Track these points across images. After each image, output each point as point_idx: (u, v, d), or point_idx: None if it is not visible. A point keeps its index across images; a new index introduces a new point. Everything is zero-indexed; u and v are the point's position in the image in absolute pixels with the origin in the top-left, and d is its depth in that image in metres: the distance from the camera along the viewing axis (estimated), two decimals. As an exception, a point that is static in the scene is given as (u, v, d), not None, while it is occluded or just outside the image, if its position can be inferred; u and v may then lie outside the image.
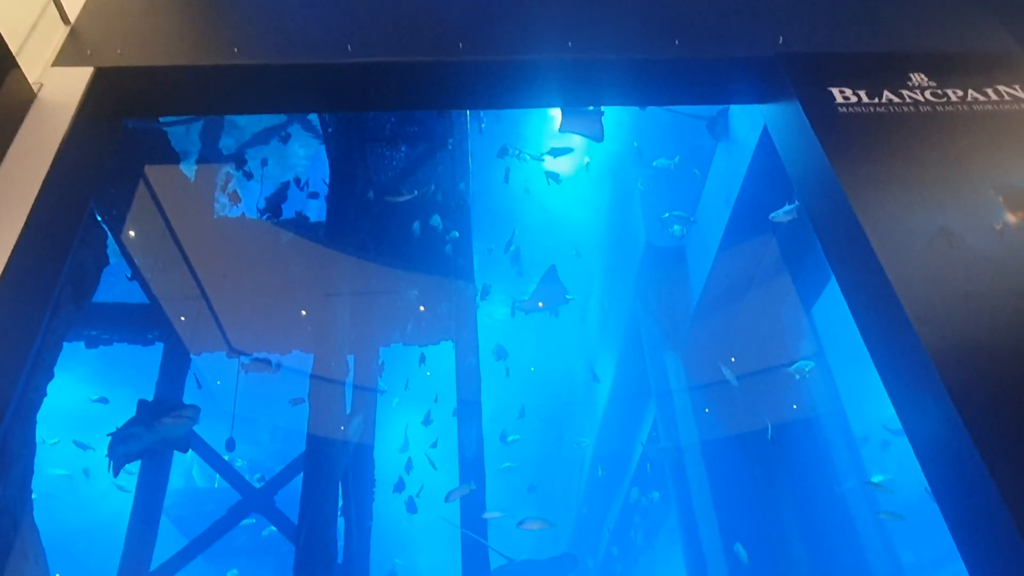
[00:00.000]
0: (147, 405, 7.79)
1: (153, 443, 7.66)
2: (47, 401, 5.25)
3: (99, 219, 6.56)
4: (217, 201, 9.26)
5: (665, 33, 3.86)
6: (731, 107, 9.39)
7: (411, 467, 14.40)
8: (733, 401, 10.96)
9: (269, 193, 9.54)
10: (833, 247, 3.23)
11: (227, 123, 8.63)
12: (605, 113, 9.17)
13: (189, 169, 8.62)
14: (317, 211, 9.89)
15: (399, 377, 17.82)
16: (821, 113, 3.43)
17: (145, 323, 9.31)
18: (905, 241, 2.79)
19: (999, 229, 2.77)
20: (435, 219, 9.76)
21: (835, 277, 3.21)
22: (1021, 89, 3.54)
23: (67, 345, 5.60)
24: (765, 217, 8.29)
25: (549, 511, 25.36)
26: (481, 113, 10.87)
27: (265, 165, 9.32)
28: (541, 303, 11.77)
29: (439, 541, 21.42)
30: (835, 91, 3.53)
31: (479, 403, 9.66)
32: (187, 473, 21.91)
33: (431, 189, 9.54)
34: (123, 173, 7.58)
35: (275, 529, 8.83)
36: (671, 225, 11.06)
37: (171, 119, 7.75)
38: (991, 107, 3.44)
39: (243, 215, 9.38)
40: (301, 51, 3.77)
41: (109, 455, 7.37)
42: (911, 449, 2.68)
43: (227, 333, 9.93)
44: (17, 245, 2.81)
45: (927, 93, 3.51)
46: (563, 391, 23.82)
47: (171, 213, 8.36)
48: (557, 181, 14.33)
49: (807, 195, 3.50)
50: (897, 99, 3.47)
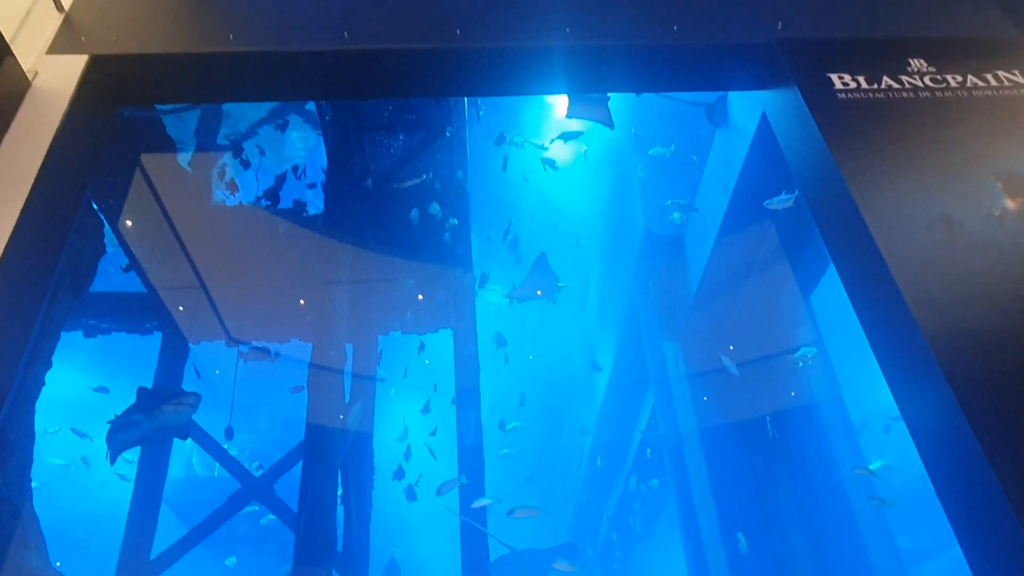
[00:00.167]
0: (147, 393, 7.80)
1: (153, 431, 7.67)
2: (46, 390, 5.25)
3: (96, 208, 6.55)
4: (214, 190, 9.23)
5: (663, 19, 3.84)
6: (730, 94, 9.36)
7: (410, 455, 14.45)
8: (732, 389, 10.98)
9: (267, 182, 9.52)
10: (832, 233, 3.22)
11: (224, 111, 8.59)
12: (609, 99, 9.14)
13: (186, 158, 8.58)
14: (315, 200, 9.87)
15: (398, 365, 17.84)
16: (820, 99, 3.41)
17: (143, 312, 9.31)
18: (904, 227, 2.78)
19: (998, 215, 2.77)
20: (434, 207, 9.74)
21: (833, 264, 3.20)
22: (1021, 75, 3.52)
23: (65, 334, 5.60)
24: (764, 204, 8.29)
25: (548, 499, 25.49)
26: (479, 101, 10.82)
27: (262, 154, 9.29)
28: (540, 291, 11.73)
29: (439, 529, 21.51)
30: (834, 77, 3.51)
31: (478, 391, 9.66)
32: (187, 462, 21.98)
33: (431, 176, 9.52)
34: (120, 162, 7.55)
35: (274, 517, 8.86)
36: (671, 213, 11.04)
37: (167, 107, 7.71)
38: (991, 93, 3.43)
39: (240, 204, 9.35)
40: (297, 38, 3.74)
41: (108, 442, 7.38)
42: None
43: (226, 322, 9.93)
44: (13, 234, 2.80)
45: (926, 79, 3.49)
46: (562, 379, 23.85)
47: (168, 202, 8.34)
48: (554, 168, 14.28)
49: (806, 181, 3.49)
50: (896, 85, 3.45)
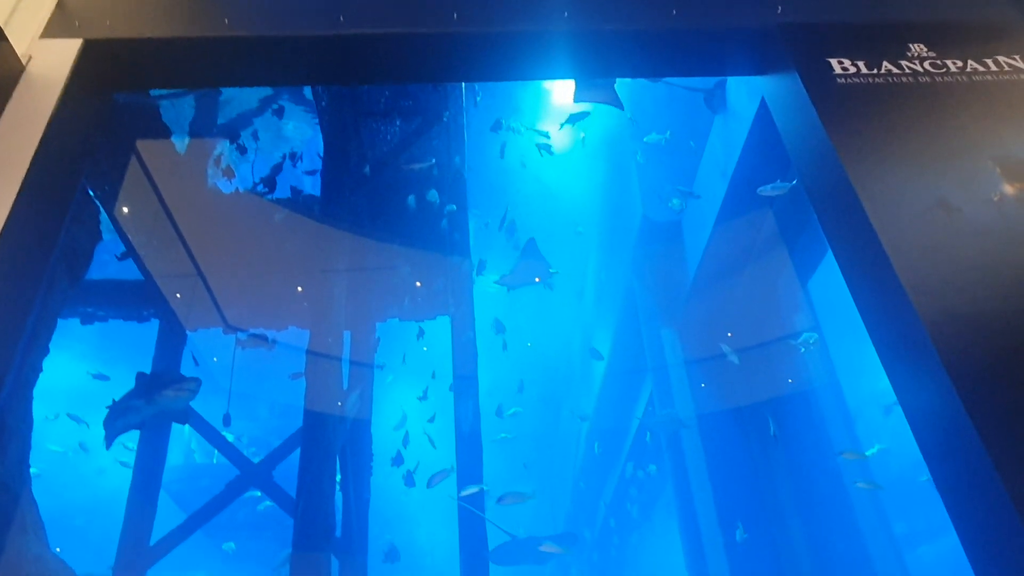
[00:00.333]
0: (146, 378, 7.79)
1: (152, 416, 7.67)
2: (44, 378, 5.25)
3: (92, 195, 6.52)
4: (211, 177, 9.19)
5: (662, 3, 3.81)
6: (728, 80, 9.32)
7: (407, 441, 14.49)
8: (729, 375, 11.01)
9: (263, 168, 9.48)
10: (830, 219, 3.21)
11: (220, 97, 8.54)
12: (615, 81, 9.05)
13: (182, 144, 8.54)
14: (312, 186, 9.84)
15: (396, 352, 17.85)
16: (819, 84, 3.39)
17: (140, 300, 9.29)
18: (902, 212, 2.78)
19: (996, 200, 2.76)
20: (432, 194, 9.71)
21: (831, 249, 3.19)
22: (1021, 60, 3.50)
23: (62, 322, 5.60)
24: (757, 191, 8.29)
25: (545, 485, 25.61)
26: (476, 86, 10.76)
27: (258, 140, 9.25)
28: (533, 278, 11.69)
29: (437, 516, 21.61)
30: (833, 62, 3.48)
31: (476, 378, 9.69)
32: (186, 449, 22.03)
33: (434, 161, 9.47)
34: (115, 148, 7.51)
35: (272, 503, 8.89)
36: (670, 199, 11.01)
37: (162, 93, 7.66)
38: (991, 78, 3.41)
39: (237, 190, 9.32)
40: (293, 22, 3.71)
41: (105, 427, 7.36)
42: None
43: (223, 309, 9.93)
44: (9, 219, 2.78)
45: (926, 63, 3.47)
46: (560, 366, 23.89)
47: (164, 189, 8.30)
48: (550, 153, 14.22)
49: (804, 167, 3.48)
50: (896, 70, 3.43)
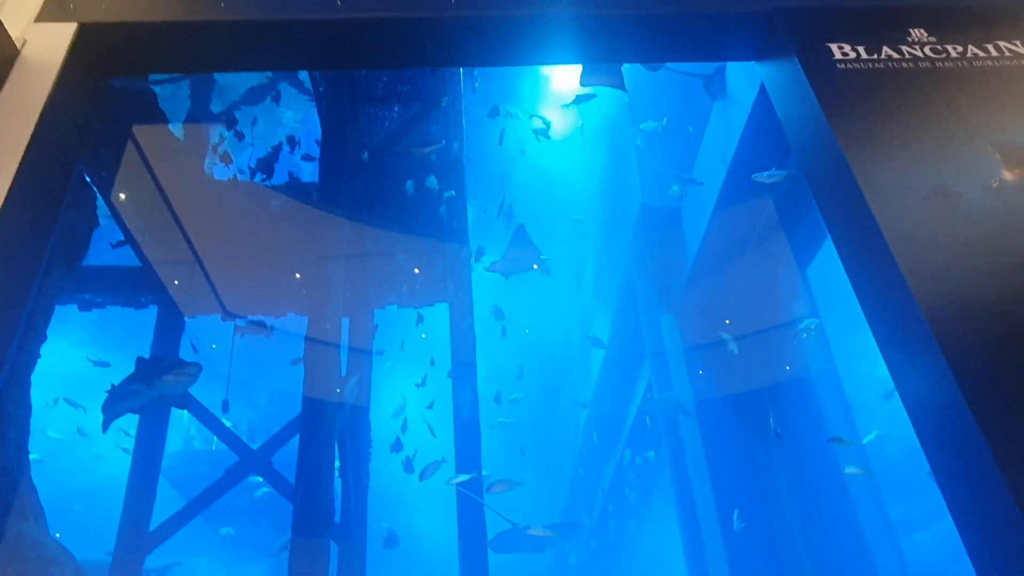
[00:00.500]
0: (146, 363, 7.78)
1: (152, 400, 7.66)
2: (42, 364, 5.24)
3: (88, 180, 6.50)
4: (208, 162, 9.16)
5: (661, -13, 3.78)
6: (728, 65, 9.28)
7: (406, 427, 14.53)
8: (727, 362, 11.03)
9: (261, 154, 9.44)
10: (829, 205, 3.21)
11: (217, 82, 8.49)
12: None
13: (178, 129, 8.50)
14: (310, 172, 9.80)
15: (395, 339, 17.87)
16: (819, 70, 3.37)
17: (138, 286, 9.28)
18: (902, 198, 2.77)
19: (996, 186, 2.75)
20: (431, 180, 9.68)
21: (830, 235, 3.18)
22: (1022, 45, 3.49)
23: (60, 308, 5.59)
24: (752, 177, 8.27)
25: (544, 472, 25.72)
26: (475, 72, 10.71)
27: (255, 125, 9.20)
28: (528, 266, 11.64)
29: (436, 502, 21.71)
30: (834, 47, 3.46)
31: (474, 365, 9.69)
32: (185, 435, 22.10)
33: (442, 143, 9.42)
34: (112, 134, 7.47)
35: (270, 489, 8.93)
36: (670, 185, 10.98)
37: (159, 78, 7.62)
38: (991, 63, 3.39)
39: (235, 177, 9.29)
40: (289, 6, 3.68)
41: (103, 410, 7.35)
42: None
43: (221, 296, 9.92)
44: (5, 204, 2.76)
45: (927, 49, 3.45)
46: (559, 352, 23.95)
47: (161, 174, 8.27)
48: (546, 137, 14.16)
49: (804, 153, 3.46)
50: (896, 55, 3.41)
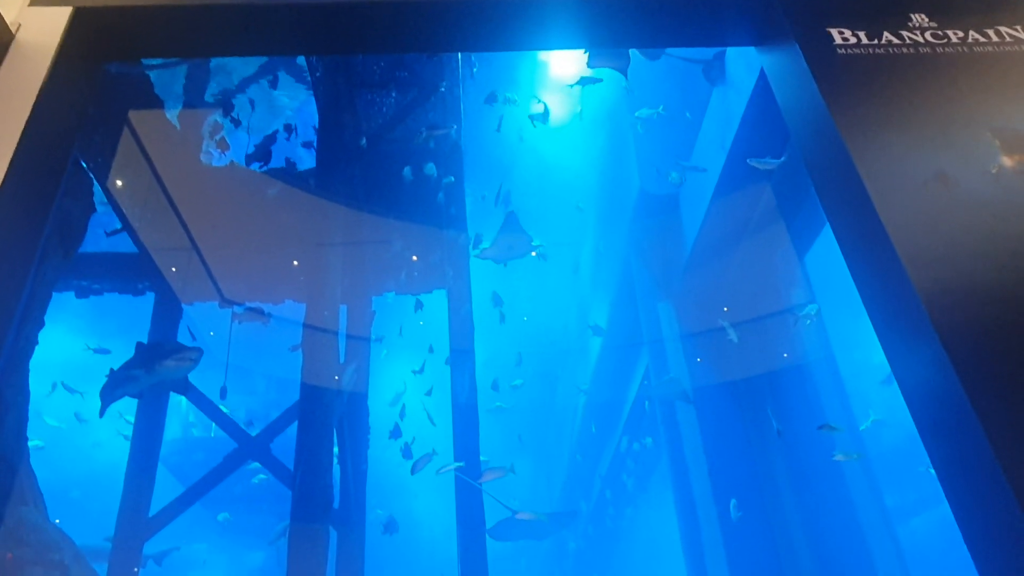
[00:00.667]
0: (145, 348, 7.76)
1: (152, 385, 7.65)
2: (40, 351, 5.25)
3: (84, 167, 6.47)
4: (205, 149, 9.12)
5: (660, -29, 3.75)
6: (727, 51, 9.23)
7: (404, 414, 14.56)
8: (725, 349, 11.04)
9: (258, 140, 9.41)
10: (828, 192, 3.20)
11: (213, 68, 8.44)
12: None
13: (175, 115, 8.46)
14: (307, 159, 9.77)
15: (393, 326, 17.87)
16: (819, 55, 3.35)
17: (135, 273, 9.26)
18: (900, 184, 2.76)
19: (995, 172, 2.74)
20: (428, 166, 9.65)
21: (829, 222, 3.17)
22: (1023, 30, 3.47)
23: (57, 295, 5.58)
24: (747, 161, 8.24)
25: (541, 458, 25.82)
26: (472, 58, 10.65)
27: (253, 111, 9.16)
28: (534, 253, 11.61)
29: (435, 489, 21.78)
30: (834, 32, 3.44)
31: (472, 351, 9.71)
32: (184, 423, 22.14)
33: (452, 128, 9.38)
34: (108, 120, 7.43)
35: (267, 476, 8.96)
36: (669, 172, 10.94)
37: (155, 63, 7.57)
38: (992, 49, 3.37)
39: (232, 163, 9.25)
40: (286, -10, 3.65)
41: (102, 395, 7.33)
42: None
43: (219, 283, 9.91)
44: (0, 193, 2.75)
45: (927, 34, 3.43)
46: (557, 340, 23.97)
47: (157, 161, 8.24)
48: (543, 123, 14.09)
49: (803, 140, 3.45)
50: (897, 40, 3.39)
